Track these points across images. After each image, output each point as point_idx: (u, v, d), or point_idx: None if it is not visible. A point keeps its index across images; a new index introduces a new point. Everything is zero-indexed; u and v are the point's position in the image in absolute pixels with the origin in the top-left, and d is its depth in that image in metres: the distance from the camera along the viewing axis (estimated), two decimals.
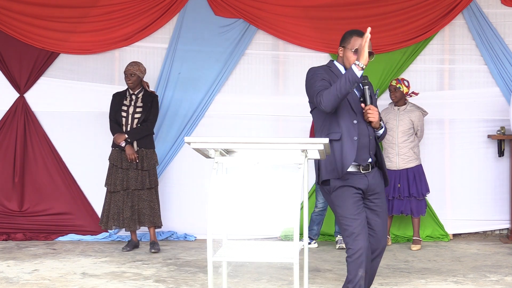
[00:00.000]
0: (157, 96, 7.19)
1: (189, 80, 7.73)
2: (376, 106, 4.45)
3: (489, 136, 7.68)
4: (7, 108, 7.75)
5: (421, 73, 7.78)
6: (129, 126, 7.00)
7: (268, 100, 7.83)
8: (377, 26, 7.60)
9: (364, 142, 4.34)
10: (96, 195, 7.73)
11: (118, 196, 6.97)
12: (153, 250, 6.92)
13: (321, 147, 3.95)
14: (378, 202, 4.40)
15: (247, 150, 4.23)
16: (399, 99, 7.23)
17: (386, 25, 7.58)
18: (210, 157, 4.20)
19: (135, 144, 6.99)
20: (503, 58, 7.65)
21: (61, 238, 7.60)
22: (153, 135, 7.17)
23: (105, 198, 7.07)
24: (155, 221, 7.00)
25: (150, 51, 7.81)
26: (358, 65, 4.15)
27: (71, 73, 7.80)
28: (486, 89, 7.76)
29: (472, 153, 7.76)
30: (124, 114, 7.03)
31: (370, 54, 4.27)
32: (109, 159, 7.07)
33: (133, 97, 7.06)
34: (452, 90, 7.82)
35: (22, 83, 7.74)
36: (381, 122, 4.40)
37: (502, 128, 7.56)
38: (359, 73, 4.16)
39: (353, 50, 4.33)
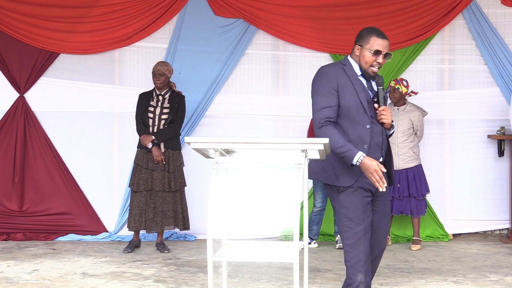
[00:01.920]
0: (184, 96, 7.14)
1: (189, 80, 7.73)
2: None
3: (489, 136, 7.68)
4: (7, 108, 7.75)
5: (421, 73, 7.78)
6: (155, 127, 6.94)
7: (268, 100, 7.83)
8: (377, 26, 7.52)
9: (377, 141, 4.22)
10: (96, 195, 7.75)
11: (140, 197, 6.90)
12: (166, 251, 6.93)
13: (321, 147, 3.95)
14: (382, 203, 4.32)
15: (247, 150, 4.23)
16: (398, 100, 7.23)
17: (386, 25, 7.57)
18: (210, 157, 4.20)
19: (162, 145, 6.95)
20: (503, 58, 7.65)
21: (61, 238, 7.60)
22: (180, 136, 7.16)
23: (130, 199, 7.04)
24: (177, 223, 6.98)
25: (150, 51, 7.81)
26: (357, 162, 4.05)
27: (71, 73, 7.80)
28: (486, 89, 7.76)
29: (472, 153, 7.76)
30: (150, 115, 6.97)
31: (387, 55, 4.21)
32: (134, 161, 7.02)
33: (160, 97, 7.01)
34: (452, 90, 7.82)
35: (22, 83, 7.74)
36: (392, 123, 4.31)
37: (502, 128, 7.56)
38: (350, 159, 4.06)
39: (372, 51, 4.18)
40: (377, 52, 4.18)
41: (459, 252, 7.05)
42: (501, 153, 7.65)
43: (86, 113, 7.79)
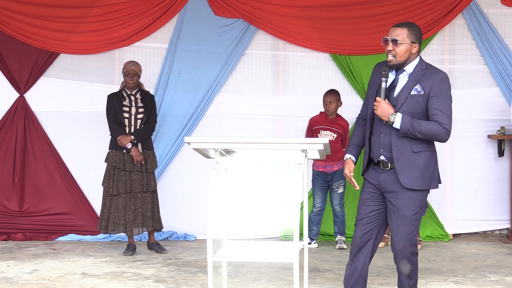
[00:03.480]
0: (153, 96, 7.16)
1: (189, 80, 7.73)
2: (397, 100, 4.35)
3: (489, 136, 7.68)
4: (7, 108, 7.74)
5: None
6: (132, 127, 6.90)
7: (268, 100, 7.83)
8: (377, 26, 7.61)
9: (376, 140, 4.37)
10: (96, 195, 7.72)
11: (119, 200, 6.84)
12: (165, 251, 6.91)
13: (321, 147, 3.96)
14: (392, 201, 4.34)
15: (247, 150, 4.23)
16: None
17: (386, 25, 7.51)
18: (210, 157, 4.21)
19: (139, 145, 6.93)
20: (503, 58, 7.64)
21: (61, 238, 7.60)
22: (152, 136, 7.15)
23: (104, 201, 6.92)
24: (155, 225, 6.96)
25: (150, 51, 7.80)
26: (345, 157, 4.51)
27: (71, 73, 7.80)
28: (486, 89, 7.76)
29: (472, 153, 7.76)
30: (126, 115, 6.91)
31: (392, 40, 4.33)
32: (107, 162, 6.92)
33: (132, 97, 6.98)
34: (452, 90, 7.68)
35: (22, 83, 7.74)
36: (391, 117, 4.27)
37: (502, 128, 7.56)
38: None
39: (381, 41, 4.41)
40: (383, 42, 4.37)
41: (459, 252, 7.05)
42: (501, 153, 7.65)
43: (86, 113, 7.79)
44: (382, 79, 4.31)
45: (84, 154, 7.75)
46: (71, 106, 7.77)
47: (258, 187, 4.06)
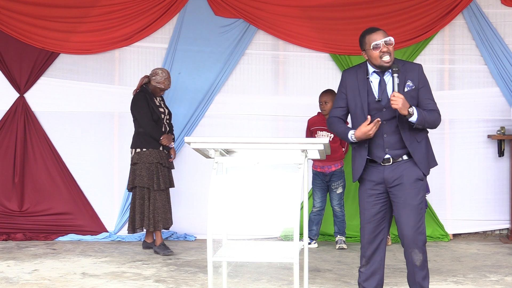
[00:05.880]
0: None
1: (189, 80, 7.73)
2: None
3: (489, 136, 7.68)
4: (7, 108, 7.75)
5: None
6: (165, 127, 6.99)
7: (268, 100, 7.83)
8: (377, 26, 7.54)
9: (378, 142, 4.46)
10: (96, 195, 7.75)
11: (163, 195, 6.86)
12: (170, 252, 6.87)
13: (321, 147, 3.96)
14: (398, 193, 4.47)
15: (247, 150, 4.23)
16: None
17: (386, 25, 7.55)
18: (210, 157, 4.21)
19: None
20: (503, 58, 7.65)
21: (61, 238, 7.60)
22: None
23: (143, 199, 6.82)
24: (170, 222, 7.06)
25: (150, 51, 7.80)
26: (351, 136, 4.45)
27: (71, 73, 7.80)
28: (486, 89, 7.76)
29: (472, 153, 7.76)
30: (162, 115, 6.99)
31: (387, 41, 4.47)
32: (143, 160, 6.80)
33: (158, 98, 7.06)
34: (452, 90, 7.82)
35: (22, 83, 7.74)
36: (411, 109, 4.35)
37: (502, 128, 7.56)
38: (349, 140, 4.47)
39: (371, 48, 4.43)
40: (375, 46, 4.44)
41: (459, 252, 7.05)
42: (501, 153, 7.65)
43: (86, 113, 7.79)
44: (395, 75, 4.40)
45: (84, 154, 7.76)
46: (71, 106, 7.78)
47: (258, 187, 4.06)
